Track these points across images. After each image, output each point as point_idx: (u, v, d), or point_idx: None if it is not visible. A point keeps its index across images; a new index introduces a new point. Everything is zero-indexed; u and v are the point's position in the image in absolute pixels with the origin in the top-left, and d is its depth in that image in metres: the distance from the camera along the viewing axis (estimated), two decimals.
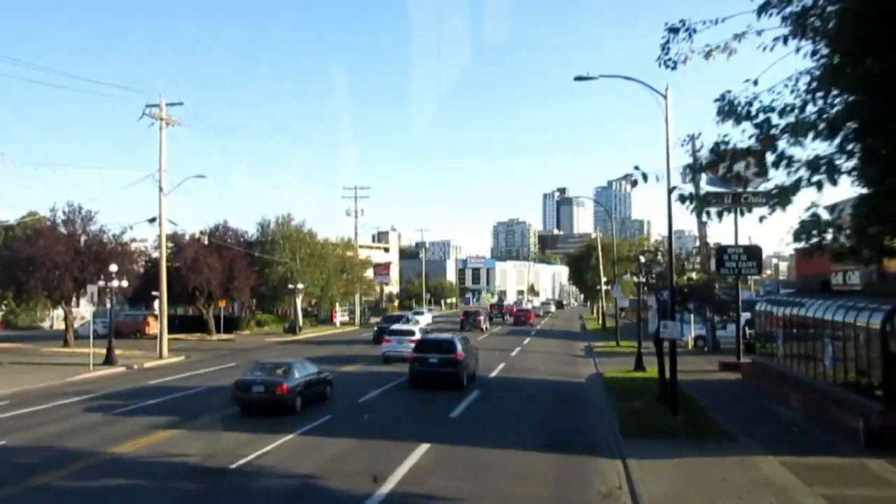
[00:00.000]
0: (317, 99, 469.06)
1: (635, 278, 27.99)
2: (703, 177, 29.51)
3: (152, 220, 38.41)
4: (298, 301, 58.89)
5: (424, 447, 15.66)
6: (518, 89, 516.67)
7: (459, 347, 26.58)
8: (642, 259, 21.42)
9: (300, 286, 56.44)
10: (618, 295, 45.80)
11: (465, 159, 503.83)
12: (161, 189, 38.14)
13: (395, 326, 42.76)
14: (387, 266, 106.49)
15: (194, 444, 16.14)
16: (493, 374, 30.21)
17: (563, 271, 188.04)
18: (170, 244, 54.27)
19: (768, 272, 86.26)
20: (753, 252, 29.91)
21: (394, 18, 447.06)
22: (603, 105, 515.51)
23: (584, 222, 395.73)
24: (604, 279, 64.02)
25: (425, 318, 64.10)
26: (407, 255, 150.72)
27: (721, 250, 29.74)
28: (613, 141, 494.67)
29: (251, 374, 20.78)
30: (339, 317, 71.16)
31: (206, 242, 55.47)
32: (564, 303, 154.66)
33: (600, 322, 69.33)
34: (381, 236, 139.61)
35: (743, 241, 32.51)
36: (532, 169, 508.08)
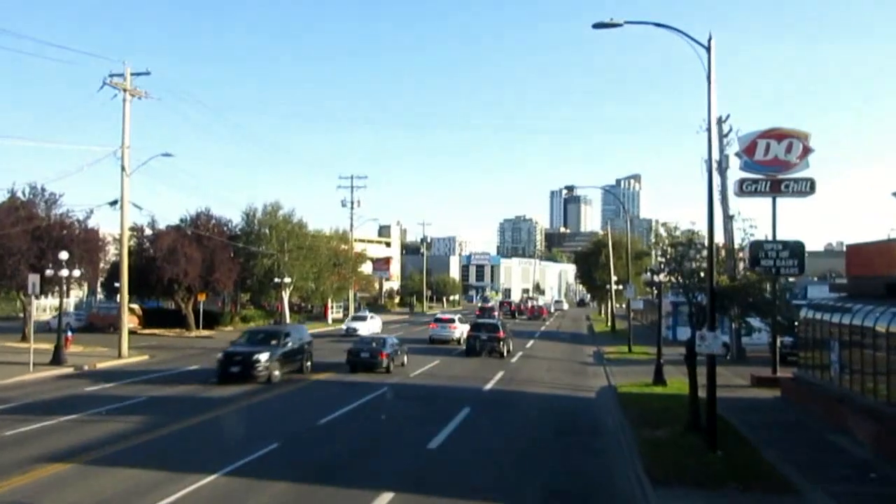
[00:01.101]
0: (318, 97, 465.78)
1: (657, 276, 23.87)
2: (738, 161, 25.17)
3: (113, 203, 34.40)
4: (285, 296, 54.91)
5: (386, 499, 11.63)
6: (526, 87, 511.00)
7: (502, 329, 37.59)
8: (669, 252, 17.27)
9: (286, 280, 52.42)
10: (631, 296, 41.60)
11: (472, 156, 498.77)
12: (123, 168, 34.16)
13: (439, 315, 49.56)
14: (387, 261, 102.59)
15: (79, 487, 12.12)
16: (489, 385, 26.12)
17: (569, 269, 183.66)
18: (148, 232, 50.63)
19: None
20: (795, 248, 25.69)
21: (398, 21, 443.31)
22: (612, 106, 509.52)
23: (591, 220, 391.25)
24: (614, 278, 59.81)
25: (370, 326, 49.92)
26: (411, 250, 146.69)
27: (756, 246, 25.48)
28: (622, 142, 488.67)
29: (359, 345, 29.45)
30: (333, 313, 67.17)
31: (189, 232, 51.68)
32: (586, 301, 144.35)
33: (609, 324, 65.15)
34: (382, 230, 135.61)
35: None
36: (540, 167, 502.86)
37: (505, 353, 35.74)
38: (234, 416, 19.00)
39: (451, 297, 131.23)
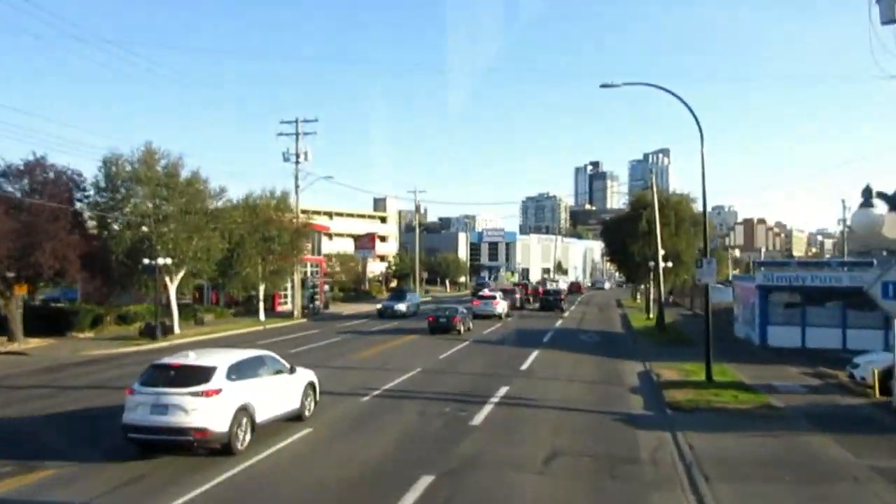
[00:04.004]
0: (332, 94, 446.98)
1: None
2: None
3: None
4: (172, 285, 37.11)
5: None
6: (552, 65, 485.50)
7: (563, 293, 65.83)
8: None
9: (165, 261, 34.55)
10: (710, 279, 22.61)
11: (494, 134, 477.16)
12: None
13: (482, 293, 54.56)
14: (371, 238, 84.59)
15: None
16: None
17: (595, 247, 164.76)
18: None
19: (815, 250, 60.81)
20: None
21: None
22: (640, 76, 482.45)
23: (618, 197, 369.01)
24: (661, 252, 41.21)
25: None
26: (425, 228, 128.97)
27: None
28: (647, 116, 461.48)
29: (437, 313, 38.05)
30: (282, 304, 49.11)
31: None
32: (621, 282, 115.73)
33: (653, 315, 46.57)
34: (378, 204, 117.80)
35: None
36: (563, 143, 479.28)
37: (564, 308, 56.93)
38: None
39: (460, 280, 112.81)
